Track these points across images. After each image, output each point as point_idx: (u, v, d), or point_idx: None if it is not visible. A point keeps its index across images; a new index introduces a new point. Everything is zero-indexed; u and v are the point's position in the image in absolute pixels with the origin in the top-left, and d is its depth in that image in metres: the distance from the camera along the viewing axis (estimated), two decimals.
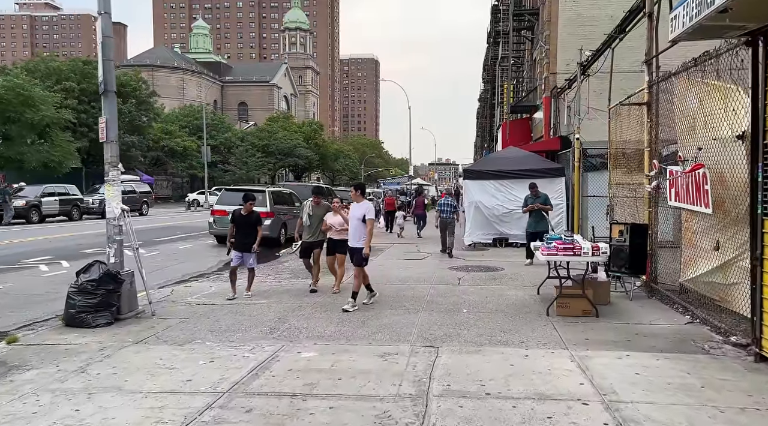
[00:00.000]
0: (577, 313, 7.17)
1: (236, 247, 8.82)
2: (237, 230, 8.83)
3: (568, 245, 7.14)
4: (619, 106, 11.06)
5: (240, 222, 8.83)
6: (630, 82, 16.43)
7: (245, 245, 8.76)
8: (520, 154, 16.09)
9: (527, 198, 12.00)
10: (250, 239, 8.76)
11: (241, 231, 8.79)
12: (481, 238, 15.40)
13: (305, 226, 9.28)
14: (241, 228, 8.80)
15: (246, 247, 8.76)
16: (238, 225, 8.82)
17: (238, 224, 8.83)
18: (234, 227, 8.88)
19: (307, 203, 9.31)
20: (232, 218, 9.06)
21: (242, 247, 8.78)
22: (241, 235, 8.79)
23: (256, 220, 8.90)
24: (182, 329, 6.76)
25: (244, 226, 8.79)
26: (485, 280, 10.10)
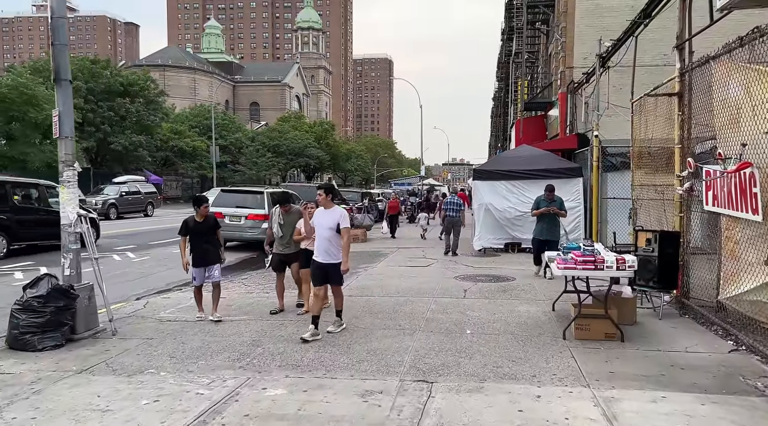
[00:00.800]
0: (599, 337, 6.15)
1: (196, 262, 7.34)
2: (193, 241, 7.35)
3: (588, 257, 6.12)
4: (644, 99, 10.00)
5: (195, 231, 7.36)
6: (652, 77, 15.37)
7: (206, 257, 7.36)
8: (534, 153, 15.03)
9: (539, 200, 10.82)
10: (211, 248, 7.38)
11: (199, 241, 7.36)
12: (492, 242, 14.37)
13: (277, 237, 7.99)
14: (197, 238, 7.36)
15: (208, 258, 7.36)
16: (194, 235, 7.35)
17: (194, 234, 7.35)
18: (186, 240, 7.38)
19: (276, 211, 8.08)
20: (183, 228, 7.39)
21: (203, 260, 7.35)
22: (199, 246, 7.34)
23: (214, 223, 7.54)
24: (140, 354, 5.85)
25: (201, 234, 7.37)
26: (494, 292, 9.09)
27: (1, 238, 13.30)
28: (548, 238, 10.12)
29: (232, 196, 16.15)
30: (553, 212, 10.45)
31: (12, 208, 13.71)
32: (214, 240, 7.48)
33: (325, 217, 6.38)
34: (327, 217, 6.36)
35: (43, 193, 15.01)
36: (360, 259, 13.42)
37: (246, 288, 9.72)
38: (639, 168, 10.51)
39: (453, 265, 12.24)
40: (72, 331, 6.30)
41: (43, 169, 31.62)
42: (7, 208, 13.52)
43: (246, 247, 16.16)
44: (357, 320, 7.18)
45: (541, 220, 10.49)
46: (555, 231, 10.33)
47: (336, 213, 6.39)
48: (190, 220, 7.43)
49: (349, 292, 9.16)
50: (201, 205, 7.39)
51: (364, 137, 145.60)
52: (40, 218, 14.30)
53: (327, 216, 6.38)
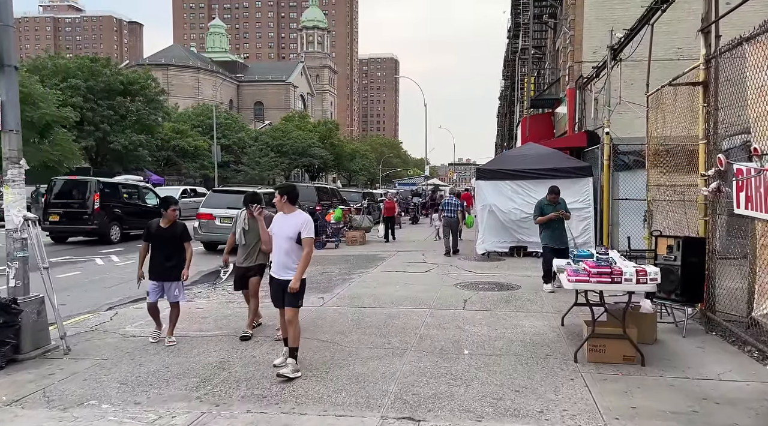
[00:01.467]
0: (616, 360, 5.34)
1: (154, 275, 6.26)
2: (154, 250, 6.30)
3: (603, 268, 5.31)
4: (661, 92, 9.18)
5: (158, 238, 6.28)
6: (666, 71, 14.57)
7: (167, 271, 6.23)
8: (540, 151, 14.19)
9: (542, 204, 9.46)
10: (173, 262, 6.26)
11: (160, 250, 6.26)
12: (496, 246, 13.55)
13: (239, 245, 6.75)
14: (158, 246, 6.27)
15: (168, 273, 6.24)
16: (156, 242, 6.29)
17: (156, 241, 6.29)
18: (148, 247, 6.34)
19: (242, 214, 6.78)
20: (146, 234, 6.39)
21: (162, 273, 6.24)
22: (158, 256, 6.25)
23: (182, 233, 6.38)
24: (87, 378, 5.10)
25: (164, 243, 6.27)
26: (497, 302, 8.28)
27: (116, 226, 17.49)
28: (561, 245, 9.13)
29: (224, 197, 15.42)
30: (561, 216, 9.40)
31: (123, 204, 18.07)
32: (179, 251, 6.32)
33: (283, 225, 5.21)
34: (286, 225, 5.18)
35: (141, 192, 19.48)
36: (355, 264, 12.65)
37: (228, 296, 8.96)
38: (655, 167, 9.70)
39: (454, 271, 11.44)
40: (15, 350, 5.56)
41: (39, 169, 31.07)
42: (120, 204, 17.91)
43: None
44: (342, 337, 6.40)
45: (548, 226, 9.36)
46: (565, 237, 9.43)
47: (297, 219, 5.16)
48: (154, 224, 6.41)
49: (338, 301, 8.40)
50: (168, 207, 6.35)
51: (369, 137, 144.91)
52: (140, 211, 18.14)
53: (286, 223, 5.19)
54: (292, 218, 5.22)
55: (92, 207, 16.63)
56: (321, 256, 14.24)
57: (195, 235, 15.28)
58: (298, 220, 5.19)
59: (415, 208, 30.19)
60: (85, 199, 16.75)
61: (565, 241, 9.33)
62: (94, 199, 16.71)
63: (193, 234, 15.31)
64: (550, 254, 8.54)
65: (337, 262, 13.08)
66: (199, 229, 15.09)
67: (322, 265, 12.60)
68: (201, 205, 15.42)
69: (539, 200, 9.62)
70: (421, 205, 32.60)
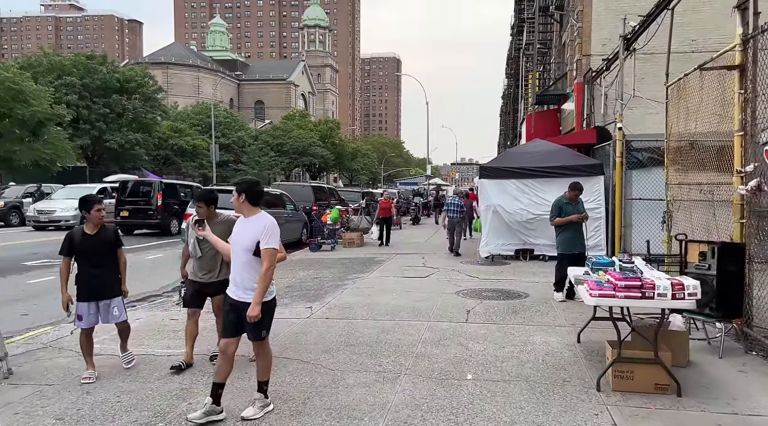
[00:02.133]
0: (647, 389, 4.53)
1: (84, 294, 5.04)
2: (82, 265, 5.06)
3: (632, 281, 4.49)
4: (683, 82, 8.37)
5: (85, 249, 5.02)
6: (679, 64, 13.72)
7: (101, 288, 5.07)
8: (548, 148, 13.36)
9: (561, 203, 8.37)
10: (108, 276, 5.12)
11: (90, 264, 5.03)
12: (501, 249, 12.73)
13: (193, 257, 5.41)
14: (88, 259, 5.03)
15: (102, 290, 5.08)
16: (83, 254, 5.04)
17: (82, 253, 5.03)
18: (70, 262, 5.05)
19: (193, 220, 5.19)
20: (66, 245, 5.05)
21: (92, 291, 5.04)
22: (90, 270, 5.02)
23: (113, 239, 5.18)
24: (19, 412, 4.30)
25: (94, 254, 5.04)
26: (503, 313, 7.46)
27: (176, 220, 19.27)
28: (581, 251, 8.18)
29: None
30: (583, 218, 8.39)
31: (180, 201, 19.72)
32: (112, 262, 5.17)
33: (242, 232, 4.15)
34: (245, 232, 4.12)
35: (194, 191, 20.08)
36: (351, 268, 11.85)
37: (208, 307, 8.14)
38: (676, 164, 8.90)
39: (456, 276, 10.62)
40: None
41: (30, 168, 30.36)
42: (178, 202, 19.78)
43: None
44: (328, 357, 5.59)
45: (567, 229, 8.20)
46: (583, 241, 8.47)
47: (257, 225, 4.09)
48: (77, 233, 5.11)
49: (327, 312, 7.59)
50: (91, 208, 5.00)
51: (371, 136, 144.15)
52: None
53: (245, 230, 4.13)
54: (251, 224, 4.14)
55: (156, 204, 19.13)
56: (315, 259, 13.45)
57: (183, 236, 14.53)
58: (257, 225, 4.09)
59: (416, 208, 29.38)
60: (150, 197, 19.26)
61: (584, 246, 8.43)
62: (157, 197, 19.20)
63: (182, 235, 14.57)
64: (569, 262, 7.50)
65: (331, 266, 12.29)
66: (186, 230, 14.28)
67: (315, 269, 11.81)
68: (189, 205, 14.61)
69: (557, 198, 8.55)
70: (423, 205, 31.80)
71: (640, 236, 12.18)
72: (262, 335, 4.18)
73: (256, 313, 3.98)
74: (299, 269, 11.93)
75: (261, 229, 4.08)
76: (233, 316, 4.18)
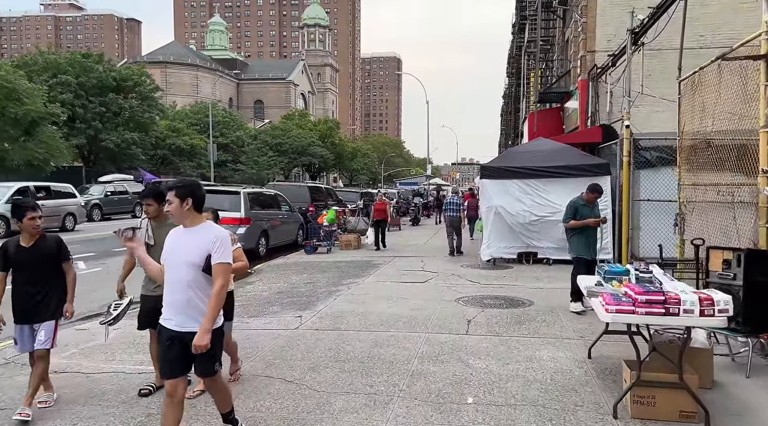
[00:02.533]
0: (671, 416, 4.02)
1: (16, 316, 4.34)
2: (17, 280, 4.34)
3: (654, 295, 3.97)
4: (699, 75, 7.87)
5: (20, 262, 4.31)
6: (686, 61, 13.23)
7: (33, 309, 4.32)
8: (552, 147, 12.85)
9: (576, 205, 7.68)
10: (44, 295, 4.34)
11: (26, 280, 4.31)
12: (503, 252, 12.22)
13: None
14: (24, 274, 4.31)
15: (35, 312, 4.33)
16: (18, 269, 4.32)
17: (18, 267, 4.32)
18: (5, 278, 4.33)
19: (143, 223, 4.64)
20: (1, 259, 4.32)
21: (26, 313, 4.32)
22: (26, 288, 4.31)
23: (59, 252, 4.41)
24: None
25: (31, 269, 4.31)
26: (506, 324, 6.94)
27: None
28: (594, 256, 7.63)
29: (209, 197, 14.04)
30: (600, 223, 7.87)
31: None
32: (51, 279, 4.38)
33: (185, 245, 3.37)
34: (189, 245, 3.36)
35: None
36: (346, 272, 11.34)
37: None
38: (689, 163, 8.39)
39: (456, 281, 10.11)
40: None
41: (23, 168, 29.83)
42: None
43: None
44: (314, 376, 5.08)
45: (582, 232, 7.55)
46: (596, 247, 7.93)
47: (206, 236, 3.37)
48: (11, 243, 4.38)
49: (318, 322, 7.07)
50: (23, 216, 4.23)
51: (371, 136, 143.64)
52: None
53: (189, 243, 3.37)
54: (196, 235, 3.39)
55: None
56: (310, 262, 12.94)
57: None
58: (206, 237, 3.37)
59: (416, 208, 28.85)
60: None
61: (596, 252, 7.88)
62: None
63: None
64: (584, 267, 7.03)
65: (326, 270, 11.78)
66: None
67: (309, 273, 11.31)
68: None
69: (573, 200, 7.80)
70: (423, 206, 31.30)
71: (649, 239, 11.67)
72: (215, 369, 3.49)
73: (206, 341, 3.24)
74: (292, 273, 11.42)
75: (212, 240, 3.36)
76: (177, 352, 3.36)
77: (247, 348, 5.91)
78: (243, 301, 8.60)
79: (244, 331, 6.65)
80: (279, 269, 12.17)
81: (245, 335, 6.43)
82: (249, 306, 8.21)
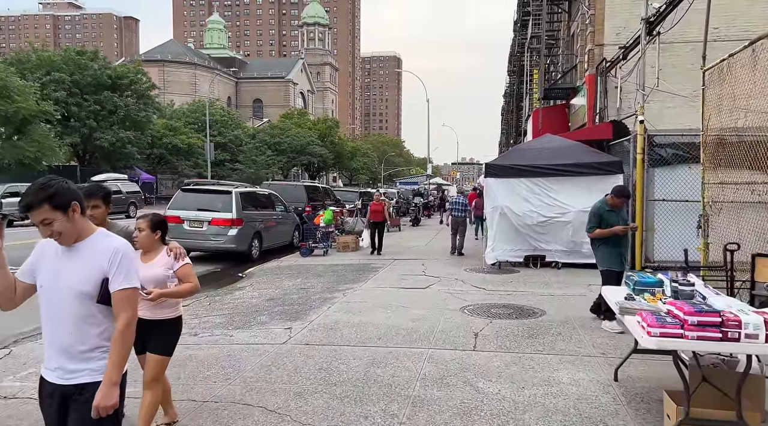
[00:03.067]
0: None
1: None
2: None
3: (708, 315, 3.28)
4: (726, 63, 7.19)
5: None
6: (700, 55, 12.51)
7: None
8: (561, 144, 12.16)
9: (601, 211, 6.62)
10: None
11: None
12: (509, 255, 11.54)
13: None
14: None
15: None
16: None
17: None
18: None
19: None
20: None
21: None
22: None
23: None
24: None
25: None
26: (518, 337, 6.26)
27: None
28: (623, 268, 6.72)
29: (194, 197, 13.38)
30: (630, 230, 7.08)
31: None
32: None
33: (69, 269, 2.40)
34: (74, 269, 2.39)
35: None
36: (343, 277, 10.66)
37: None
38: (713, 160, 7.71)
39: (459, 287, 9.43)
40: None
41: (14, 166, 29.17)
42: None
43: (209, 259, 13.45)
44: (300, 403, 4.39)
45: (606, 241, 6.62)
46: (626, 256, 7.12)
47: (98, 251, 2.42)
48: None
49: (309, 335, 6.39)
50: None
51: (371, 136, 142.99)
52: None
53: (73, 267, 2.39)
54: (83, 252, 2.42)
55: None
56: (305, 266, 12.26)
57: None
58: (98, 253, 2.41)
59: (416, 208, 28.14)
60: None
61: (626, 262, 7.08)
62: None
63: None
64: (615, 281, 6.23)
65: (321, 274, 11.10)
66: None
67: (303, 278, 10.63)
68: (168, 207, 13.40)
69: (597, 205, 6.75)
70: (423, 206, 30.60)
71: (664, 242, 11.00)
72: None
73: (114, 400, 2.34)
74: (285, 278, 10.74)
75: (106, 256, 2.40)
76: (56, 413, 2.43)
77: (227, 367, 5.23)
78: (229, 310, 7.93)
79: (226, 346, 5.97)
80: (272, 273, 11.49)
81: (227, 351, 5.75)
82: (235, 315, 7.52)
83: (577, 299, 8.28)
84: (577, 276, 10.33)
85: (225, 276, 11.78)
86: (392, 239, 18.08)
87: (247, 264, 12.87)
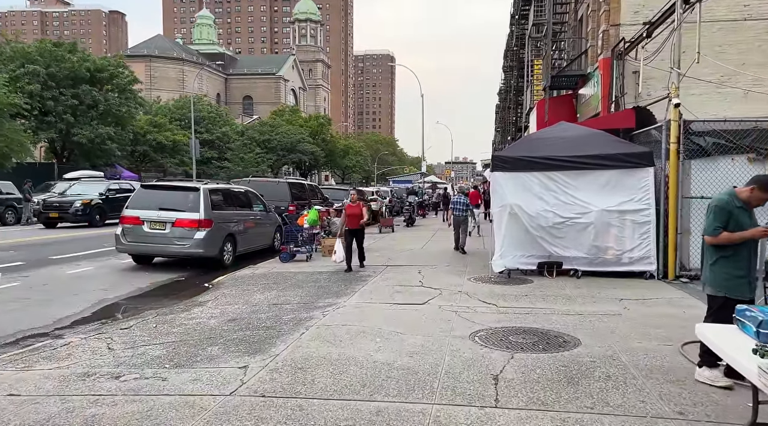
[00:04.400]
0: None
1: None
2: None
3: None
4: None
5: None
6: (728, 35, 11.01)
7: None
8: (579, 133, 10.54)
9: (731, 208, 4.45)
10: None
11: None
12: (520, 262, 9.89)
13: None
14: None
15: None
16: None
17: None
18: None
19: None
20: None
21: None
22: None
23: None
24: None
25: None
26: (553, 383, 4.59)
27: None
28: (752, 296, 4.65)
29: (156, 195, 11.66)
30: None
31: None
32: None
33: None
34: None
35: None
36: (324, 288, 8.98)
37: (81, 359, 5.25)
38: None
39: (465, 302, 7.76)
40: None
41: None
42: None
43: (175, 265, 11.74)
44: None
45: (735, 253, 4.51)
46: (755, 275, 4.95)
47: None
48: None
49: (268, 379, 4.68)
50: None
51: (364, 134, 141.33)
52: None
53: None
54: None
55: None
56: (283, 274, 10.57)
57: (116, 245, 11.60)
58: None
59: (410, 208, 26.43)
60: None
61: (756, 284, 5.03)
62: None
63: (116, 243, 11.64)
64: (731, 311, 3.90)
65: (301, 284, 9.43)
66: (122, 237, 11.33)
67: (278, 290, 8.96)
68: (126, 206, 11.67)
69: (723, 199, 4.54)
70: (418, 205, 28.93)
71: None
72: None
73: None
74: (257, 290, 9.04)
75: None
76: None
77: None
78: (177, 336, 6.23)
79: (150, 399, 4.27)
80: (243, 283, 9.79)
81: (147, 409, 4.06)
82: (181, 345, 5.82)
83: (613, 320, 6.64)
84: (603, 287, 8.71)
85: (188, 286, 10.07)
86: (385, 242, 16.41)
87: (218, 271, 11.17)
